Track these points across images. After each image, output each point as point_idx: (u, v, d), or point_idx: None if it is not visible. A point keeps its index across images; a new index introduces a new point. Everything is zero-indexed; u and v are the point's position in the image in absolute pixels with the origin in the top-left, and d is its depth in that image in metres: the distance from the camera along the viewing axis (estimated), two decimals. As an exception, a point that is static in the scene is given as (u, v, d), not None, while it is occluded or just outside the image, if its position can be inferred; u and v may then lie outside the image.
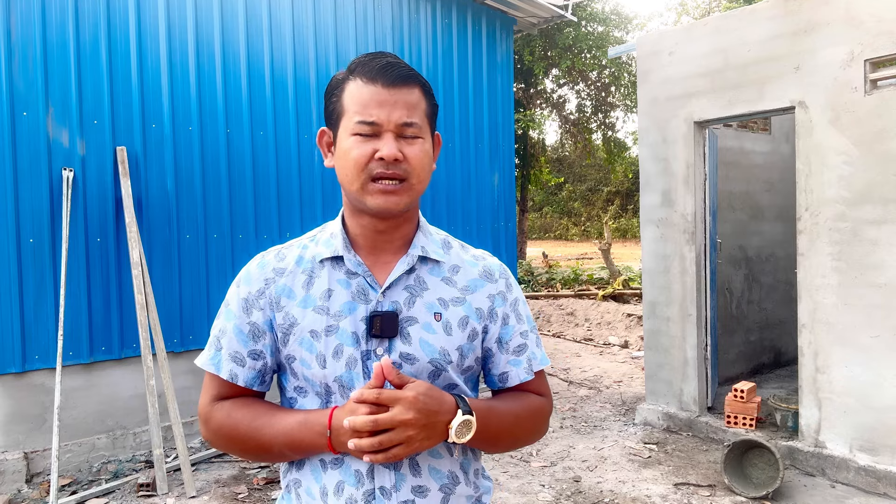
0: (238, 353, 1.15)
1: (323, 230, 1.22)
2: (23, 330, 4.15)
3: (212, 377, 1.18)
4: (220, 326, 1.17)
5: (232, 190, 5.00)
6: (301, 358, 1.12)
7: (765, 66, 4.40)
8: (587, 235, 32.75)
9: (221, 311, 1.18)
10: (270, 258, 1.19)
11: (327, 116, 1.16)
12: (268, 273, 1.16)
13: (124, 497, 3.96)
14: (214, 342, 1.17)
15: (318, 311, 1.12)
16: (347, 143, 1.09)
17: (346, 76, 1.12)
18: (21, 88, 4.13)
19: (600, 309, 9.94)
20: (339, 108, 1.11)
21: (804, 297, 4.25)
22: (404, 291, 1.14)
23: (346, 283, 1.13)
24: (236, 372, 1.15)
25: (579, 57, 14.15)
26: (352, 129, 1.08)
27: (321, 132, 1.18)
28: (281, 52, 5.29)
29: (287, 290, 1.14)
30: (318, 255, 1.16)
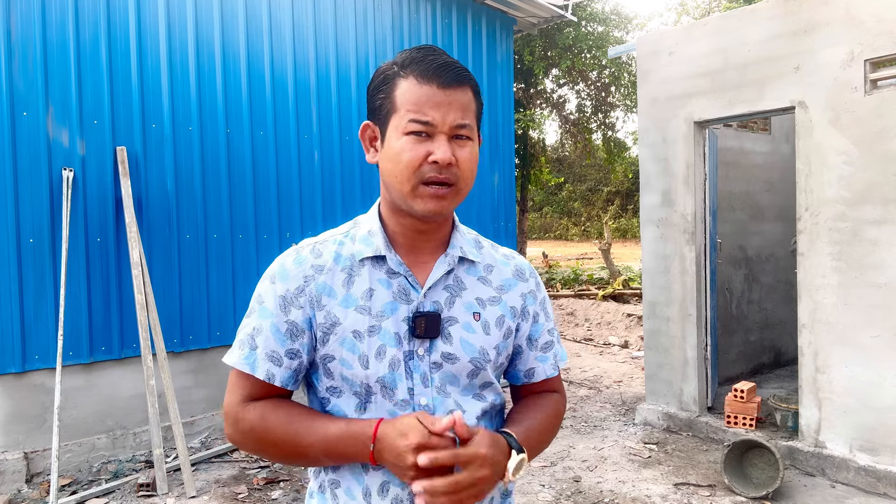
0: (275, 352, 1.10)
1: (356, 226, 1.18)
2: (23, 330, 4.15)
3: (243, 377, 1.12)
4: (253, 324, 1.11)
5: (232, 190, 5.00)
6: (341, 358, 1.09)
7: (765, 66, 4.40)
8: (587, 235, 32.75)
9: (254, 308, 1.12)
10: (307, 254, 1.13)
11: (373, 111, 1.12)
12: (306, 270, 1.11)
13: (124, 497, 3.96)
14: (247, 341, 1.11)
15: (359, 310, 1.10)
16: (399, 143, 1.06)
17: (396, 71, 1.08)
18: (21, 88, 4.13)
19: (600, 309, 9.94)
20: (388, 105, 1.08)
21: (804, 297, 4.25)
22: (444, 291, 1.14)
23: (388, 282, 1.12)
24: (273, 372, 1.10)
25: (579, 57, 14.15)
26: (404, 128, 1.05)
27: (365, 126, 1.14)
28: (281, 52, 5.29)
29: (327, 288, 1.10)
30: (359, 254, 1.12)
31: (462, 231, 1.22)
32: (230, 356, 1.13)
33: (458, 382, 1.14)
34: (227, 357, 1.14)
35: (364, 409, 1.10)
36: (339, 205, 5.55)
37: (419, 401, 1.10)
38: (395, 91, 1.07)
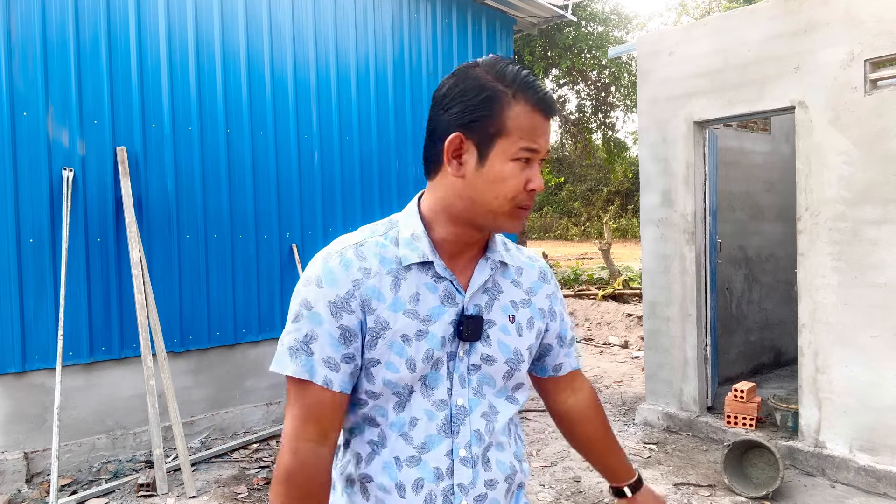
0: (332, 357, 1.08)
1: (392, 227, 1.16)
2: (23, 330, 4.15)
3: (301, 386, 1.09)
4: (305, 331, 1.08)
5: (232, 190, 5.00)
6: (388, 362, 1.10)
7: (765, 66, 4.40)
8: (587, 235, 32.74)
9: (301, 314, 1.09)
10: (352, 256, 1.11)
11: (469, 125, 1.07)
12: (354, 273, 1.09)
13: (124, 497, 3.96)
14: (301, 349, 1.08)
15: (408, 314, 1.10)
16: (507, 169, 1.07)
17: (504, 91, 1.06)
18: (21, 88, 4.13)
19: (600, 309, 9.94)
20: (497, 126, 1.06)
21: (804, 297, 4.25)
22: (484, 295, 1.18)
23: (434, 286, 1.13)
24: (331, 377, 1.08)
25: (579, 57, 14.15)
26: (514, 154, 1.06)
27: (457, 139, 1.08)
28: (281, 52, 5.29)
29: (376, 291, 1.09)
30: (406, 259, 1.12)
31: (495, 236, 1.24)
32: (283, 365, 1.09)
33: (493, 384, 1.19)
34: (281, 366, 1.10)
35: (402, 408, 1.12)
36: (339, 205, 5.55)
37: (456, 401, 1.14)
38: (507, 113, 1.06)
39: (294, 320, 1.10)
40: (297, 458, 1.07)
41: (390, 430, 1.12)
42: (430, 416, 1.12)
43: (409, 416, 1.12)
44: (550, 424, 5.28)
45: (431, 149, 1.13)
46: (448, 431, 1.13)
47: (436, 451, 1.12)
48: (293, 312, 1.11)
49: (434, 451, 1.12)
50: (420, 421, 1.12)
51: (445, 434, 1.13)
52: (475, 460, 1.15)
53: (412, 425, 1.12)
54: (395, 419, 1.12)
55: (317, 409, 1.09)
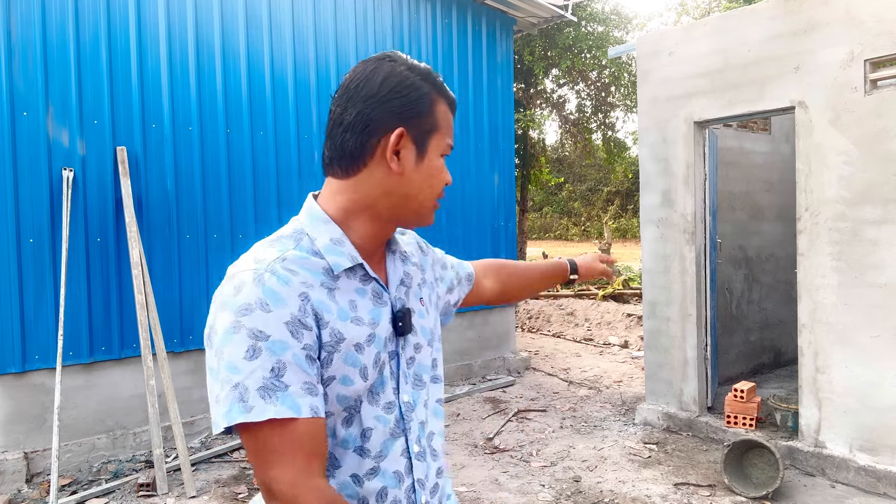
0: (308, 382, 0.96)
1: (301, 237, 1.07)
2: (23, 330, 4.15)
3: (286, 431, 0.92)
4: (269, 365, 0.92)
5: (232, 190, 5.01)
6: (343, 376, 1.02)
7: (765, 66, 4.40)
8: (587, 235, 32.74)
9: (258, 348, 0.92)
10: (284, 272, 0.99)
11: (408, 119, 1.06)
12: (297, 287, 0.98)
13: (124, 497, 3.96)
14: (272, 386, 0.92)
15: (355, 322, 1.05)
16: (439, 164, 1.11)
17: (429, 90, 1.09)
18: (21, 88, 4.14)
19: (600, 309, 9.94)
20: (431, 122, 1.08)
21: (804, 297, 4.25)
22: (402, 286, 1.18)
23: (363, 290, 1.09)
24: (317, 404, 0.96)
25: (579, 57, 14.15)
26: (443, 150, 1.11)
27: (402, 134, 1.05)
28: (281, 52, 5.29)
29: (322, 303, 1.01)
30: (337, 266, 1.05)
31: None
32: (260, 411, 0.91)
33: (427, 370, 1.19)
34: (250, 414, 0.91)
35: (351, 423, 1.05)
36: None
37: (402, 398, 1.12)
38: (436, 110, 1.09)
39: (249, 358, 0.92)
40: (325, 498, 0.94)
41: (341, 448, 1.04)
42: (383, 422, 1.07)
43: (361, 428, 1.05)
44: (550, 424, 5.28)
45: (356, 144, 1.05)
46: (400, 431, 1.10)
47: (392, 455, 1.09)
48: (243, 349, 0.92)
49: (391, 455, 1.08)
50: (374, 430, 1.06)
51: (398, 434, 1.09)
52: (425, 452, 1.14)
53: (366, 437, 1.05)
54: (346, 435, 1.04)
55: (315, 443, 0.95)
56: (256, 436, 0.93)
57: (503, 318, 7.06)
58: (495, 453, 4.67)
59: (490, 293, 1.56)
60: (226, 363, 0.93)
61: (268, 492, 0.94)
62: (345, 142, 1.06)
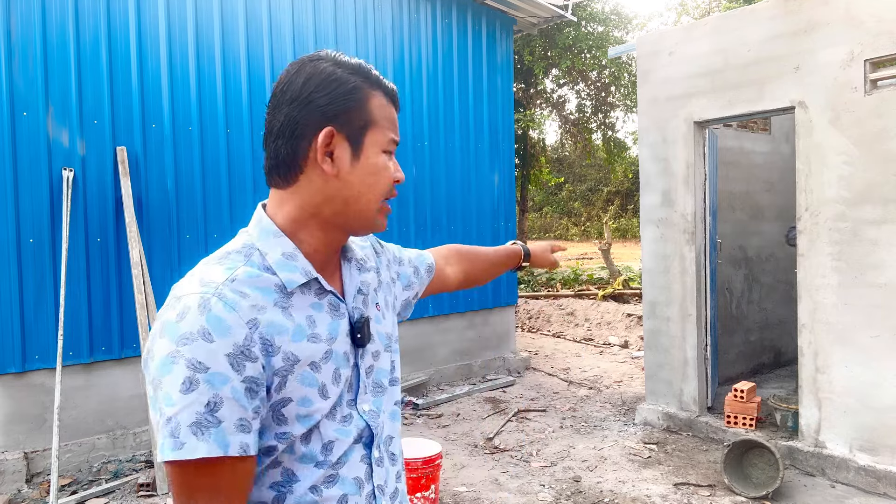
0: (243, 418, 0.90)
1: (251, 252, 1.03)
2: (23, 330, 4.15)
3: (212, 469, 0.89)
4: (205, 399, 0.87)
5: (232, 190, 5.01)
6: (301, 397, 0.98)
7: (765, 66, 4.40)
8: (587, 235, 32.74)
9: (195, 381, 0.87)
10: (233, 296, 0.93)
11: (336, 116, 1.00)
12: (245, 313, 0.93)
13: (124, 497, 3.96)
14: (206, 422, 0.87)
15: (311, 339, 1.00)
16: (381, 160, 1.03)
17: (361, 83, 1.02)
18: (21, 88, 4.14)
19: (600, 309, 9.94)
20: (364, 117, 1.02)
21: (804, 297, 4.25)
22: (359, 295, 1.14)
23: (319, 304, 1.04)
24: (247, 441, 0.91)
25: (579, 57, 14.15)
26: (384, 146, 1.04)
27: (331, 133, 1.00)
28: (281, 52, 5.29)
29: (275, 326, 0.96)
30: (291, 283, 1.00)
31: None
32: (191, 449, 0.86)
33: (385, 374, 1.16)
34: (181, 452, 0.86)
35: (309, 440, 1.00)
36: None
37: (362, 408, 1.08)
38: (370, 103, 1.02)
39: (186, 390, 0.87)
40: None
41: (300, 463, 1.00)
42: (343, 434, 1.04)
43: (321, 443, 1.02)
44: (550, 424, 5.28)
45: (288, 150, 1.00)
46: (361, 438, 1.07)
47: (352, 461, 1.06)
48: (181, 381, 0.87)
49: (350, 462, 1.05)
50: (336, 442, 1.03)
51: (359, 441, 1.07)
52: (383, 458, 1.12)
53: (328, 450, 1.02)
54: (306, 451, 1.00)
55: (237, 485, 0.92)
56: (185, 471, 0.89)
57: (503, 318, 7.06)
58: (495, 453, 4.67)
59: (454, 279, 1.55)
60: (162, 394, 0.88)
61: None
62: (278, 149, 1.01)
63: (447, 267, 1.53)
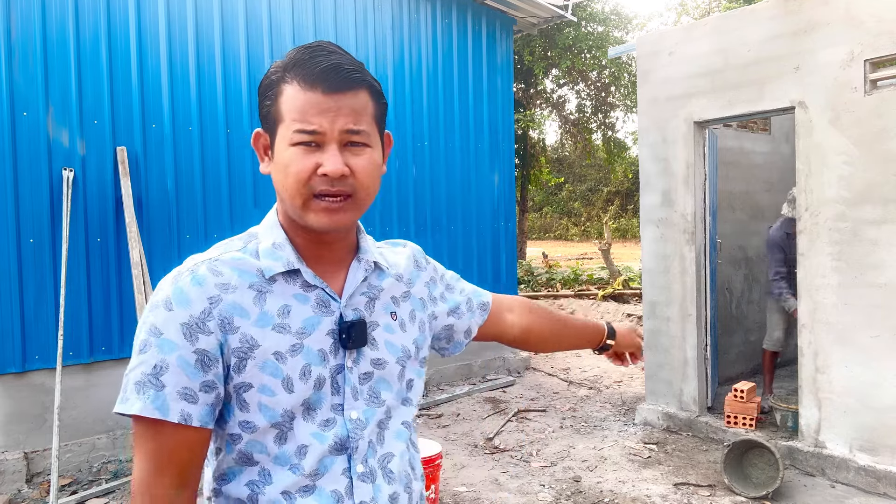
0: (188, 387, 0.94)
1: (251, 239, 1.08)
2: (23, 330, 4.15)
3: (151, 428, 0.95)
4: (154, 362, 0.94)
5: (232, 190, 5.01)
6: (262, 385, 0.98)
7: (765, 66, 4.40)
8: (587, 235, 32.74)
9: (149, 343, 0.95)
10: (205, 272, 0.99)
11: (263, 118, 1.03)
12: (210, 290, 0.97)
13: (124, 497, 3.96)
14: (150, 382, 0.93)
15: (278, 329, 1.00)
16: (287, 155, 0.98)
17: (281, 76, 0.99)
18: (21, 88, 4.14)
19: (600, 309, 9.95)
20: (275, 113, 1.00)
21: (804, 297, 4.25)
22: (363, 297, 1.10)
23: (304, 297, 1.03)
24: (189, 411, 0.94)
25: (579, 57, 14.15)
26: (290, 139, 0.97)
27: (256, 134, 1.05)
28: (281, 52, 5.28)
29: (238, 307, 0.98)
30: (269, 270, 1.02)
31: (365, 236, 1.17)
32: (128, 404, 0.94)
33: (391, 387, 1.11)
34: (125, 406, 0.94)
35: (284, 440, 1.01)
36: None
37: (350, 415, 1.05)
38: (280, 98, 0.99)
39: (140, 351, 0.95)
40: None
41: (275, 465, 1.01)
42: (320, 439, 1.02)
43: (296, 445, 1.01)
44: (550, 424, 5.28)
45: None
46: (342, 448, 1.04)
47: (331, 473, 1.03)
48: (139, 342, 0.96)
49: (329, 474, 1.02)
50: (310, 447, 1.01)
51: (340, 452, 1.03)
52: (374, 474, 1.07)
53: (301, 454, 1.01)
54: (279, 452, 1.01)
55: (174, 452, 0.96)
56: (134, 425, 0.96)
57: (503, 318, 7.04)
58: (495, 453, 4.67)
59: (513, 331, 1.43)
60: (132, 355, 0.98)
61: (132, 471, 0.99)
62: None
63: (508, 314, 1.42)
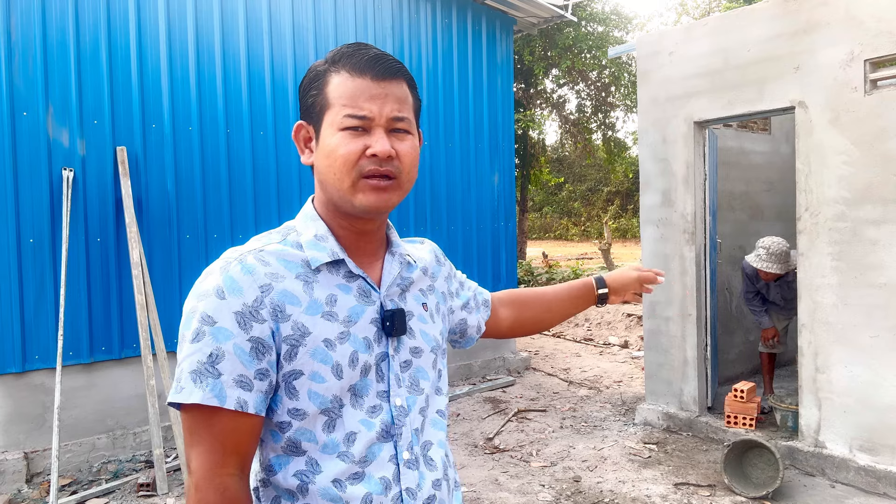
0: (243, 375, 0.96)
1: (290, 232, 1.09)
2: (23, 330, 4.15)
3: (210, 418, 0.95)
4: (209, 350, 0.95)
5: (232, 190, 5.01)
6: (313, 372, 1.00)
7: (765, 66, 4.40)
8: (587, 235, 32.74)
9: (202, 332, 0.96)
10: (254, 262, 1.01)
11: (305, 110, 1.08)
12: (261, 279, 0.99)
13: (124, 497, 3.96)
14: (206, 371, 0.94)
15: (327, 317, 1.02)
16: (335, 139, 1.02)
17: (327, 67, 1.05)
18: (21, 88, 4.14)
19: (600, 309, 9.94)
20: (321, 102, 1.04)
21: (804, 297, 4.25)
22: (397, 288, 1.14)
23: (347, 287, 1.06)
24: (245, 398, 0.96)
25: (579, 57, 14.15)
26: (339, 124, 1.01)
27: (298, 126, 1.09)
28: (281, 52, 5.29)
29: (289, 295, 1.01)
30: (315, 261, 1.04)
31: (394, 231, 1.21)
32: (183, 394, 0.95)
33: (428, 376, 1.16)
34: (181, 395, 0.95)
35: (333, 428, 1.03)
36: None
37: (394, 402, 1.08)
38: (328, 87, 1.04)
39: (193, 340, 0.96)
40: (227, 497, 0.96)
41: (323, 453, 1.02)
42: (367, 426, 1.05)
43: (344, 432, 1.03)
44: (550, 424, 5.28)
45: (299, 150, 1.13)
46: (388, 435, 1.06)
47: (379, 460, 1.05)
48: (191, 332, 0.97)
49: (377, 461, 1.05)
50: (358, 434, 1.04)
51: (386, 439, 1.06)
52: (418, 461, 1.10)
53: (350, 441, 1.03)
54: (328, 440, 1.02)
55: (234, 438, 0.97)
56: (187, 416, 0.97)
57: (503, 318, 7.05)
58: (495, 453, 4.67)
59: (505, 323, 1.47)
60: (181, 344, 0.98)
61: (187, 466, 0.98)
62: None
63: (501, 308, 1.47)
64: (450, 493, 1.19)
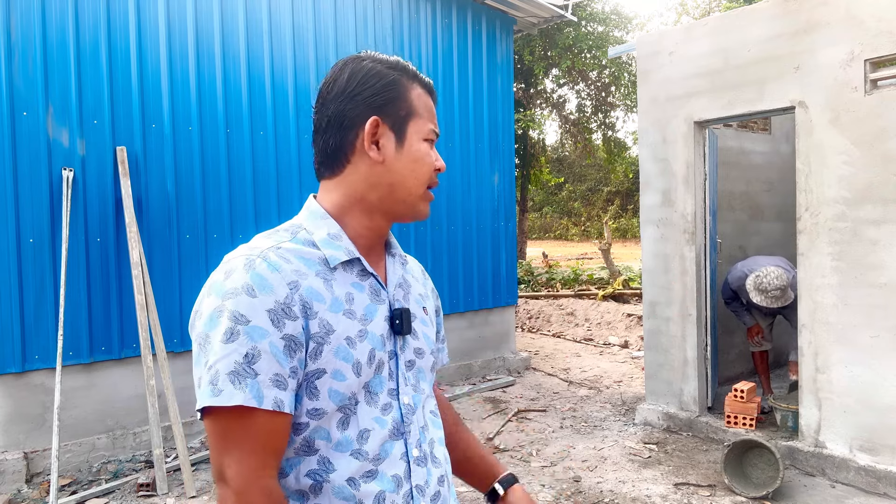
0: (279, 374, 0.94)
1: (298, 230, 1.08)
2: (23, 330, 4.15)
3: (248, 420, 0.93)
4: (244, 350, 0.92)
5: (232, 190, 5.00)
6: (335, 370, 1.00)
7: (765, 66, 4.40)
8: (587, 235, 32.74)
9: (235, 331, 0.93)
10: (277, 259, 0.99)
11: (380, 108, 1.06)
12: (289, 275, 0.98)
13: (124, 497, 3.96)
14: (244, 371, 0.92)
15: (347, 315, 1.03)
16: (423, 148, 1.09)
17: (399, 76, 1.09)
18: (21, 88, 4.14)
19: (600, 309, 9.94)
20: (406, 107, 1.08)
21: (804, 297, 4.25)
22: (399, 289, 1.16)
23: (360, 285, 1.07)
24: (281, 398, 0.94)
25: (579, 57, 14.15)
26: (425, 134, 1.09)
27: (377, 122, 1.06)
28: (281, 52, 5.29)
29: (314, 292, 1.00)
30: (334, 259, 1.04)
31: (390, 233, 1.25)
32: (228, 396, 0.91)
33: (426, 377, 1.17)
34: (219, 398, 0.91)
35: (347, 425, 1.02)
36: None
37: (403, 400, 1.10)
38: (411, 94, 1.08)
39: (227, 340, 0.93)
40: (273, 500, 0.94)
41: (336, 451, 1.01)
42: (381, 424, 1.05)
43: (358, 430, 1.03)
44: (550, 424, 5.28)
45: (336, 141, 1.07)
46: (399, 433, 1.07)
47: (391, 458, 1.06)
48: (221, 331, 0.93)
49: (389, 459, 1.06)
50: (372, 431, 1.04)
51: (397, 437, 1.07)
52: (426, 458, 1.12)
53: (364, 439, 1.03)
54: (342, 438, 1.02)
55: (272, 439, 0.95)
56: (220, 420, 0.94)
57: (503, 318, 7.06)
58: (495, 453, 4.67)
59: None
60: (209, 346, 0.95)
61: (219, 475, 0.95)
62: (326, 143, 1.09)
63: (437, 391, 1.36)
64: (450, 490, 1.21)
